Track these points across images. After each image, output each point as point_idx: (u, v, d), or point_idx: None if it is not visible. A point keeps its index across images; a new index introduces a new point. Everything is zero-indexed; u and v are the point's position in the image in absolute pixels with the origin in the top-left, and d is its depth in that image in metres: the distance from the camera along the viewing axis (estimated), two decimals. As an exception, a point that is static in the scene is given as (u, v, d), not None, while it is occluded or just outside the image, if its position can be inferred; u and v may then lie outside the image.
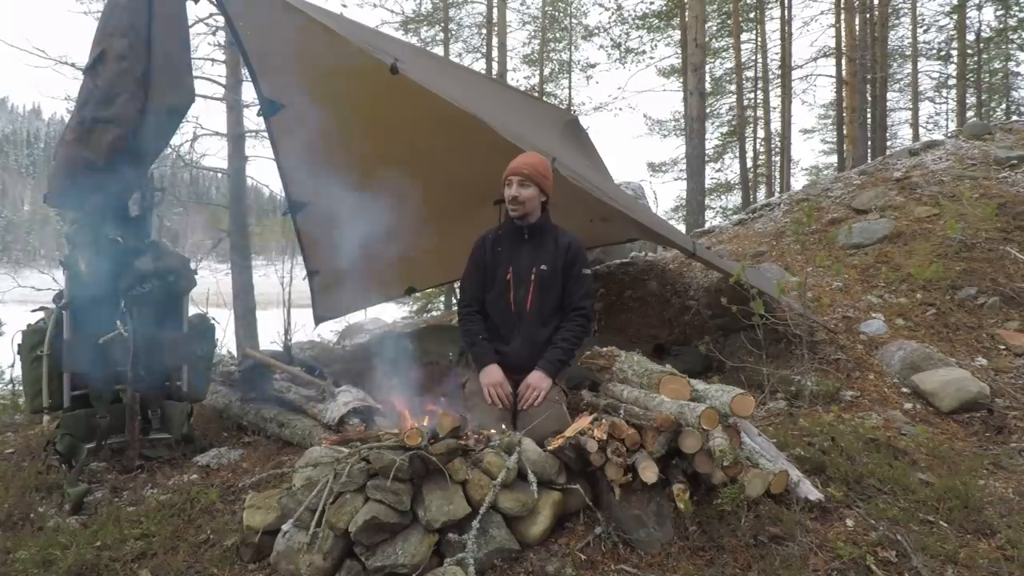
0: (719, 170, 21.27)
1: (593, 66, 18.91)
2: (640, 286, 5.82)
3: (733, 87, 19.78)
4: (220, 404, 3.58)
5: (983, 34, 17.74)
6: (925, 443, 3.00)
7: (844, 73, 15.13)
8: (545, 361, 2.81)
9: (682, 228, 11.06)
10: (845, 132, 15.23)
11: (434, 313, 12.43)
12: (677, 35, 17.08)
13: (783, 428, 3.01)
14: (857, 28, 14.56)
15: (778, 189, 18.29)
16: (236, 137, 10.49)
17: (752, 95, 20.31)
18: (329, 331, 7.90)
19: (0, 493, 2.72)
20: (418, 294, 10.88)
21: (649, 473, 2.13)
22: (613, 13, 16.73)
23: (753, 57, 19.62)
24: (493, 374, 2.82)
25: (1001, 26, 17.34)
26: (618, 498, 2.18)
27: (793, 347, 3.94)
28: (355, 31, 3.39)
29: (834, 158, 19.34)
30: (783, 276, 4.94)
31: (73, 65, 9.41)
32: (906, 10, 18.01)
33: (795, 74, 18.18)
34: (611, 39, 17.37)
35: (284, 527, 2.10)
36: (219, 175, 11.58)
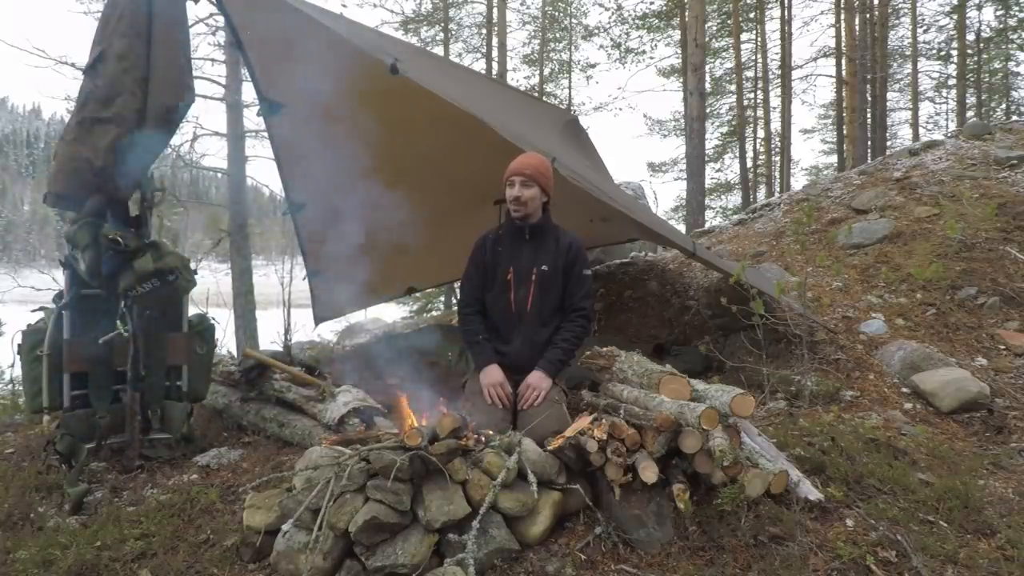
0: (719, 170, 21.28)
1: (593, 66, 18.93)
2: (640, 286, 5.82)
3: (733, 87, 19.78)
4: (220, 404, 3.58)
5: (983, 34, 17.75)
6: (925, 443, 3.00)
7: (844, 73, 15.15)
8: (545, 361, 2.80)
9: (682, 228, 11.06)
10: (845, 132, 15.24)
11: (434, 313, 12.44)
12: (677, 35, 17.09)
13: (783, 428, 3.01)
14: (857, 28, 14.57)
15: (778, 189, 18.30)
16: (236, 137, 10.49)
17: (752, 95, 20.31)
18: (329, 331, 7.91)
19: (0, 493, 2.72)
20: (418, 294, 10.88)
21: (649, 473, 2.13)
22: (613, 13, 16.75)
23: (753, 57, 19.63)
24: (493, 374, 2.82)
25: (1001, 26, 17.35)
26: (618, 498, 2.19)
27: (793, 347, 3.94)
28: (355, 31, 3.39)
29: (834, 158, 19.35)
30: (783, 276, 4.94)
31: (73, 65, 9.41)
32: (906, 10, 18.02)
33: (795, 74, 18.21)
34: (611, 39, 17.39)
35: (284, 527, 2.10)
36: (219, 175, 11.59)
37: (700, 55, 10.43)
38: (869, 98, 14.90)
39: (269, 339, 6.46)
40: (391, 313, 11.69)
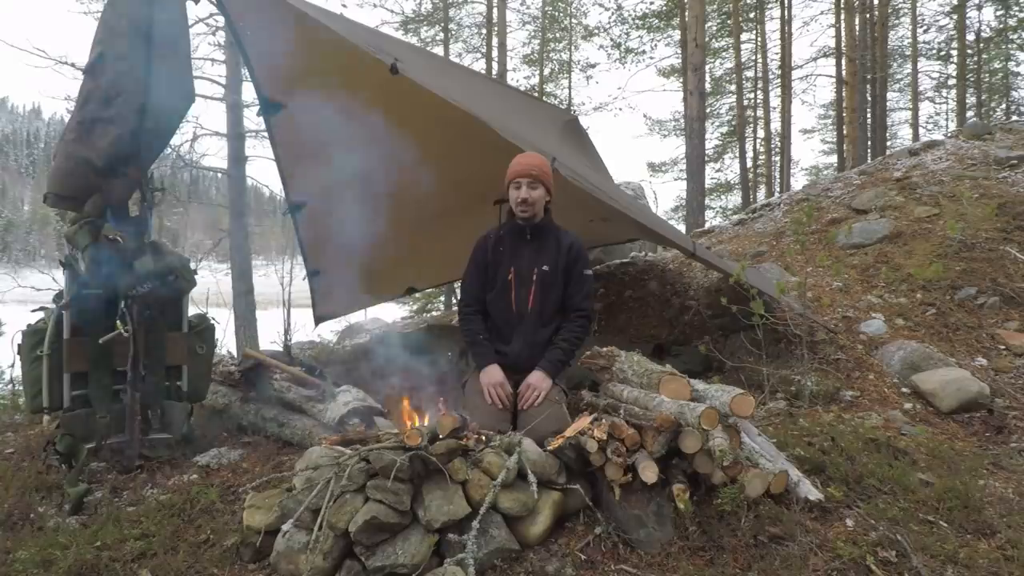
0: (719, 170, 21.32)
1: (593, 66, 18.94)
2: (640, 286, 5.82)
3: (733, 87, 19.80)
4: (220, 404, 3.58)
5: (983, 34, 17.77)
6: (925, 443, 3.00)
7: (844, 73, 15.15)
8: (545, 361, 2.80)
9: (682, 228, 11.06)
10: (845, 132, 15.24)
11: (434, 313, 12.44)
12: (677, 35, 17.09)
13: (783, 428, 3.01)
14: (857, 28, 14.58)
15: (778, 189, 18.30)
16: (236, 137, 10.49)
17: (752, 95, 20.33)
18: (329, 331, 7.90)
19: (0, 493, 2.72)
20: (418, 294, 10.89)
21: (649, 473, 2.13)
22: (613, 13, 16.77)
23: (753, 57, 19.65)
24: (493, 374, 2.82)
25: (1001, 26, 17.35)
26: (618, 498, 2.19)
27: (793, 347, 3.94)
28: (355, 31, 3.39)
29: (834, 158, 19.36)
30: (783, 276, 4.94)
31: (73, 65, 9.42)
32: (906, 10, 18.03)
33: (795, 74, 18.22)
34: (611, 39, 17.40)
35: (284, 527, 2.10)
36: (219, 175, 11.59)
37: (700, 55, 10.43)
38: (869, 98, 14.91)
39: (269, 339, 6.47)
40: (391, 313, 11.68)
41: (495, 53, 15.29)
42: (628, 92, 57.06)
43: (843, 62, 15.24)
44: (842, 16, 15.50)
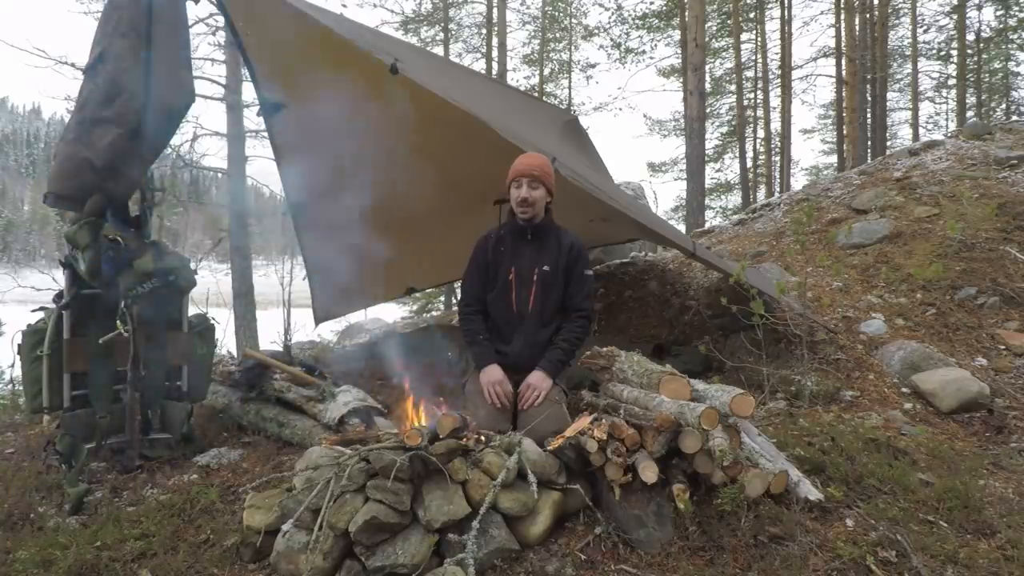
0: (719, 170, 21.33)
1: (593, 66, 18.97)
2: (640, 286, 5.82)
3: (733, 87, 19.82)
4: (220, 404, 3.58)
5: (983, 34, 17.78)
6: (925, 443, 3.00)
7: (844, 73, 15.16)
8: (546, 361, 2.80)
9: (682, 228, 11.06)
10: (845, 132, 15.25)
11: (434, 313, 12.44)
12: (677, 35, 17.10)
13: (783, 428, 3.01)
14: (857, 28, 14.60)
15: (778, 189, 18.31)
16: (236, 137, 10.49)
17: (752, 95, 20.34)
18: (329, 331, 7.90)
19: (0, 493, 2.72)
20: (418, 294, 10.89)
21: (649, 473, 2.13)
22: (613, 13, 16.79)
23: (753, 57, 19.66)
24: (493, 374, 2.82)
25: (1001, 26, 17.37)
26: (618, 498, 2.19)
27: (793, 347, 3.94)
28: (355, 31, 3.39)
29: (834, 158, 19.37)
30: (783, 276, 4.93)
31: (73, 65, 9.40)
32: (906, 10, 18.04)
33: (795, 74, 18.24)
34: (611, 39, 17.42)
35: (284, 527, 2.10)
36: (219, 175, 11.60)
37: (700, 55, 10.42)
38: (869, 98, 14.92)
39: (269, 339, 6.48)
40: (391, 313, 11.69)
41: (495, 53, 15.30)
42: (628, 92, 57.38)
43: (843, 62, 15.26)
44: (842, 16, 15.51)
